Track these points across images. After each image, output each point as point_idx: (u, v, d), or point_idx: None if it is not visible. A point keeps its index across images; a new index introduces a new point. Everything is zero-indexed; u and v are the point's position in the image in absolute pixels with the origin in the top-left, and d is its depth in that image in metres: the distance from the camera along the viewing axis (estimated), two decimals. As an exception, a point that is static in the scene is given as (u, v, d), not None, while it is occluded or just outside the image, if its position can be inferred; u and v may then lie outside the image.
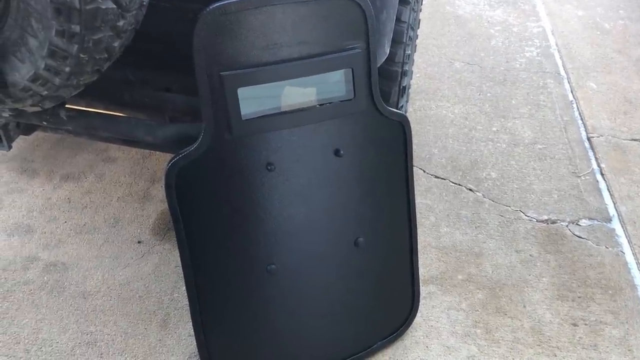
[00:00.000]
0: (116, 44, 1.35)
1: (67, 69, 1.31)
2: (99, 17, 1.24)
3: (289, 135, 1.48)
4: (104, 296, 1.91)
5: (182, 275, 1.54)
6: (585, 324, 1.89)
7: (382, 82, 1.82)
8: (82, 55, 1.29)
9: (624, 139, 2.78)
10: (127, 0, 1.28)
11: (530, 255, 2.13)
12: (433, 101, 2.99)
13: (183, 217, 1.48)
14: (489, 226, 2.25)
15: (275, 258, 1.55)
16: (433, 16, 3.87)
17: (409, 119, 1.63)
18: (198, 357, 1.62)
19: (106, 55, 1.36)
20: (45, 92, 1.37)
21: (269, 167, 1.48)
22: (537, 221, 2.28)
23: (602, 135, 2.79)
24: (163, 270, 2.00)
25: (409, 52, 2.04)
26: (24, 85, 1.33)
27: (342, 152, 1.53)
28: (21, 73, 1.31)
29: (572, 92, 3.14)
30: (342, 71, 1.48)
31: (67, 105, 1.71)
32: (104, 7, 1.23)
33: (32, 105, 1.44)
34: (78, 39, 1.25)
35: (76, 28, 1.23)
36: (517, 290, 1.99)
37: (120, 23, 1.30)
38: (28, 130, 1.84)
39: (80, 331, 1.80)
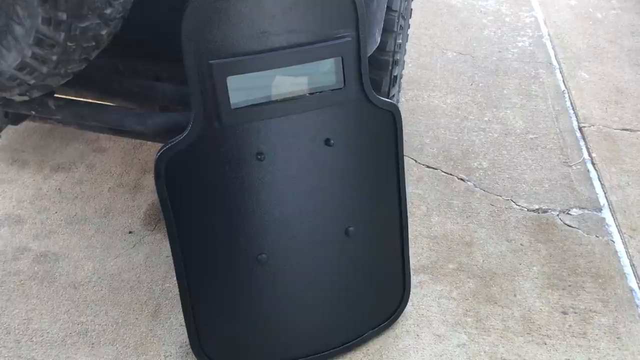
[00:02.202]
0: (104, 32, 1.34)
1: (55, 58, 1.30)
2: (86, 4, 1.23)
3: (278, 124, 1.47)
4: (95, 286, 1.91)
5: (172, 265, 1.53)
6: (575, 313, 1.90)
7: (373, 71, 1.81)
8: (69, 44, 1.29)
9: (615, 129, 2.79)
10: (114, -12, 1.27)
11: (520, 244, 2.14)
12: (425, 91, 2.99)
13: (173, 207, 1.48)
14: (480, 215, 2.25)
15: (266, 247, 1.55)
16: (425, 5, 3.86)
17: (400, 108, 1.63)
18: (189, 346, 1.62)
19: (94, 44, 1.35)
20: (33, 81, 1.36)
21: (259, 157, 1.47)
22: (528, 210, 2.29)
23: (593, 125, 2.80)
24: (154, 261, 2.00)
25: (400, 41, 2.04)
26: (10, 74, 1.32)
27: (332, 141, 1.52)
28: (7, 61, 1.30)
29: (564, 82, 3.14)
30: (332, 60, 1.47)
31: (56, 95, 1.70)
32: (90, -6, 1.23)
33: (19, 95, 1.43)
34: (65, 27, 1.24)
35: (63, 16, 1.22)
36: (507, 279, 2.00)
37: (108, 11, 1.29)
38: (17, 119, 1.83)
39: (71, 321, 1.80)
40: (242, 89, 1.41)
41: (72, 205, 2.21)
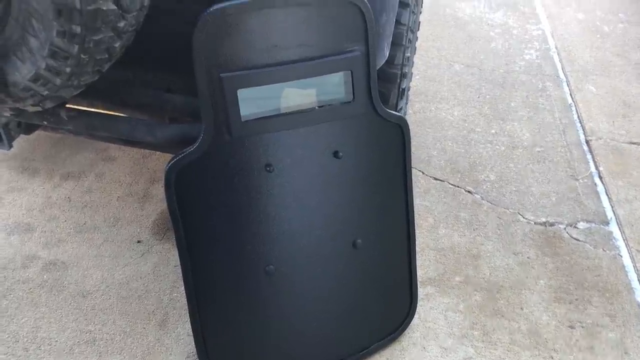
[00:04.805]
0: (117, 45, 1.36)
1: (68, 69, 1.32)
2: (100, 18, 1.25)
3: (288, 136, 1.48)
4: (103, 295, 1.92)
5: (181, 275, 1.54)
6: (582, 327, 1.89)
7: (381, 85, 1.82)
8: (82, 56, 1.30)
9: (622, 142, 2.79)
10: (128, 2, 1.28)
11: (527, 257, 2.14)
12: (432, 103, 3.00)
13: (182, 217, 1.49)
14: (487, 228, 2.26)
15: (274, 259, 1.56)
16: (433, 18, 3.88)
17: (408, 121, 1.64)
18: (196, 356, 1.63)
19: (107, 56, 1.37)
20: (46, 92, 1.37)
21: (268, 169, 1.48)
22: (535, 223, 2.29)
23: (600, 139, 2.80)
24: (162, 270, 2.01)
25: (409, 54, 2.05)
26: (24, 85, 1.34)
27: (341, 154, 1.54)
28: (22, 73, 1.32)
29: (571, 95, 3.14)
30: (341, 73, 1.48)
31: (67, 105, 1.72)
32: (104, 8, 1.24)
33: (32, 105, 1.45)
34: (79, 40, 1.26)
35: (77, 29, 1.24)
36: (514, 292, 2.00)
37: (121, 24, 1.31)
38: (29, 129, 1.85)
39: (79, 330, 1.81)
40: (252, 101, 1.43)
41: (81, 214, 2.22)
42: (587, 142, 2.78)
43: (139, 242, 2.12)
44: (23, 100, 1.40)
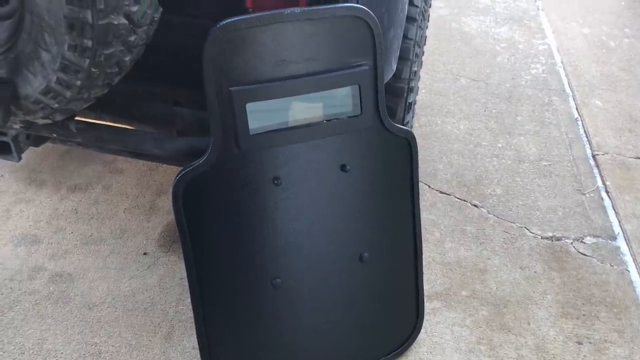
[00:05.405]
0: (127, 59, 1.37)
1: (78, 83, 1.33)
2: (111, 32, 1.27)
3: (296, 150, 1.49)
4: (109, 307, 1.92)
5: (187, 287, 1.54)
6: (590, 343, 1.88)
7: (388, 98, 1.83)
8: (93, 69, 1.32)
9: (629, 157, 2.78)
10: (138, 16, 1.30)
11: (534, 272, 2.13)
12: (438, 117, 3.01)
13: (190, 229, 1.49)
14: (494, 242, 2.25)
15: (281, 272, 1.55)
16: (439, 32, 3.90)
17: (415, 134, 1.64)
18: (202, 370, 1.62)
19: (117, 70, 1.38)
20: (56, 105, 1.39)
21: (276, 182, 1.49)
22: (541, 238, 2.28)
23: (607, 153, 2.80)
24: (168, 283, 2.01)
25: (416, 68, 2.06)
26: (35, 98, 1.35)
27: (348, 167, 1.54)
28: (33, 86, 1.33)
29: (577, 109, 3.15)
30: (349, 88, 1.49)
31: (77, 118, 1.73)
32: (116, 22, 1.26)
33: (42, 118, 1.46)
34: (90, 54, 1.27)
35: (88, 43, 1.25)
36: (521, 307, 1.99)
37: (132, 38, 1.33)
38: (38, 142, 1.86)
39: (85, 342, 1.81)
40: (260, 115, 1.43)
41: (88, 226, 2.23)
42: (593, 156, 2.78)
43: (145, 254, 2.12)
44: (33, 112, 1.41)
